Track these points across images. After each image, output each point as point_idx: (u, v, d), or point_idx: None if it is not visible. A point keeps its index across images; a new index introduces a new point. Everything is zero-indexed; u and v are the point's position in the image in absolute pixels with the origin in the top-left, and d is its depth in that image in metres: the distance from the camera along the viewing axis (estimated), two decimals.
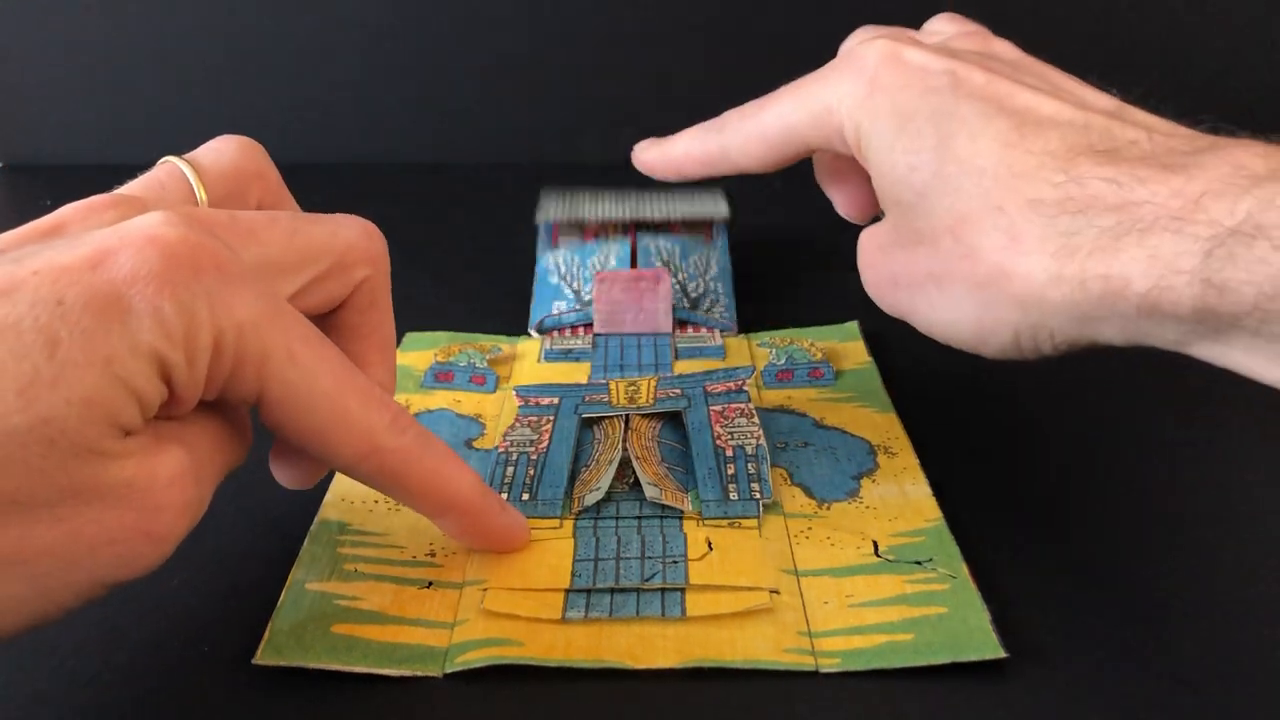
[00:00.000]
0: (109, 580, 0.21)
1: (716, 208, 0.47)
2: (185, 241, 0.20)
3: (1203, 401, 0.35)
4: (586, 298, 0.41)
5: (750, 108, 0.32)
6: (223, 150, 0.26)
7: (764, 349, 0.39)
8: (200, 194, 0.25)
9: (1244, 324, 0.21)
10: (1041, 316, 0.24)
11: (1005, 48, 0.30)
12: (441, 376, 0.37)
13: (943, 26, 0.32)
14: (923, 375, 0.37)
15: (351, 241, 0.25)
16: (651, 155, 0.35)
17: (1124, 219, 0.23)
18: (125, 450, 0.20)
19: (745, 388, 0.34)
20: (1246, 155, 0.22)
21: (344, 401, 0.22)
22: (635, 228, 0.45)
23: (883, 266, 0.29)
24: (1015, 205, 0.24)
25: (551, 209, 0.47)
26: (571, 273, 0.43)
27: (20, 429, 0.18)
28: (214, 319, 0.20)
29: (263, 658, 0.24)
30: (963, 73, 0.27)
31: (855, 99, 0.28)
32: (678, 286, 0.42)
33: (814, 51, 0.33)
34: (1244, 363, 0.22)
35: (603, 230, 0.46)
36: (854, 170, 0.31)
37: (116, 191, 0.24)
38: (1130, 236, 0.22)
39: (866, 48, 0.29)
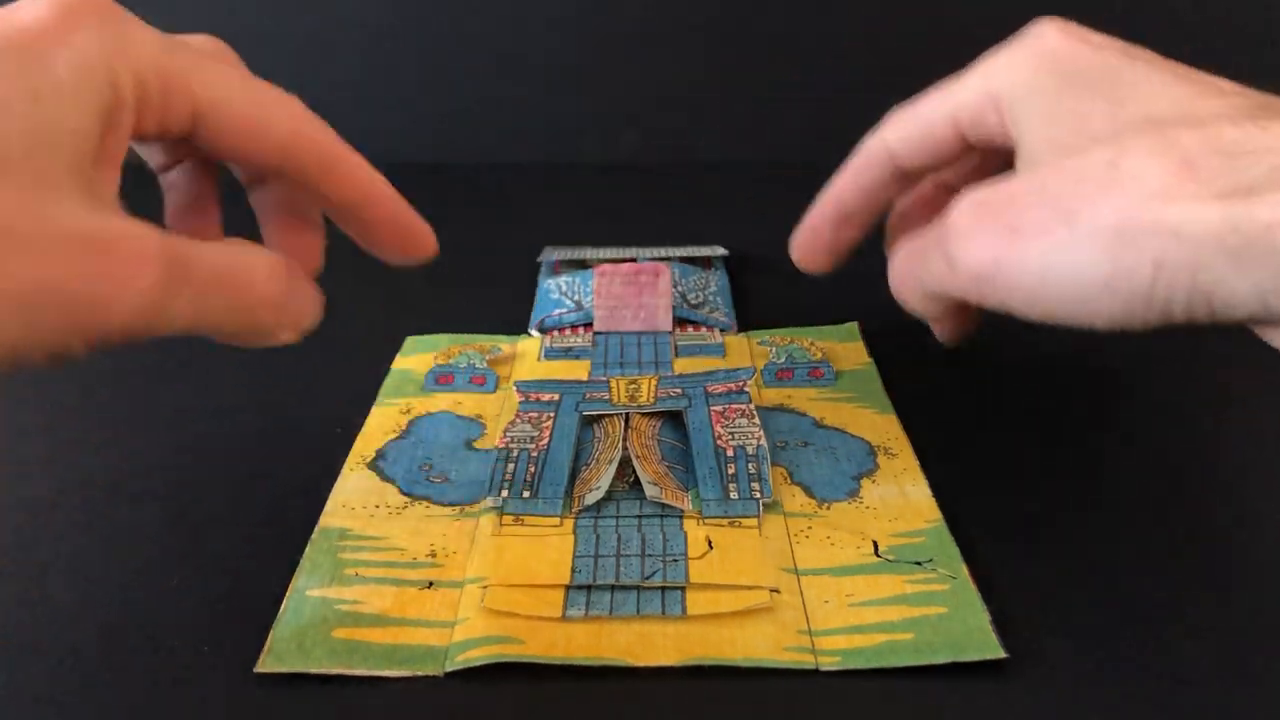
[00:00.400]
0: (68, 328, 0.21)
1: (715, 250, 0.48)
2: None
3: (1204, 403, 0.35)
4: (587, 305, 0.41)
5: (915, 100, 0.32)
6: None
7: (764, 347, 0.39)
8: None
9: None
10: (1194, 250, 0.22)
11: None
12: (442, 379, 0.37)
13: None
14: (923, 377, 0.37)
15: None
16: (804, 225, 0.34)
17: None
18: (79, 181, 0.22)
19: (746, 389, 0.34)
20: None
21: (255, 92, 0.26)
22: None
23: (1002, 214, 0.26)
24: (1193, 140, 0.23)
25: (555, 254, 0.48)
26: (573, 289, 0.43)
27: (15, 130, 0.20)
28: (124, 45, 0.23)
29: (264, 666, 0.24)
30: (1136, 51, 0.27)
31: (1020, 64, 0.28)
32: (678, 295, 0.42)
33: (815, 51, 0.33)
34: None
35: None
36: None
37: None
38: None
39: (1041, 26, 0.28)
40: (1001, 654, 0.24)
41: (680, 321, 0.41)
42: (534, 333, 0.41)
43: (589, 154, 0.65)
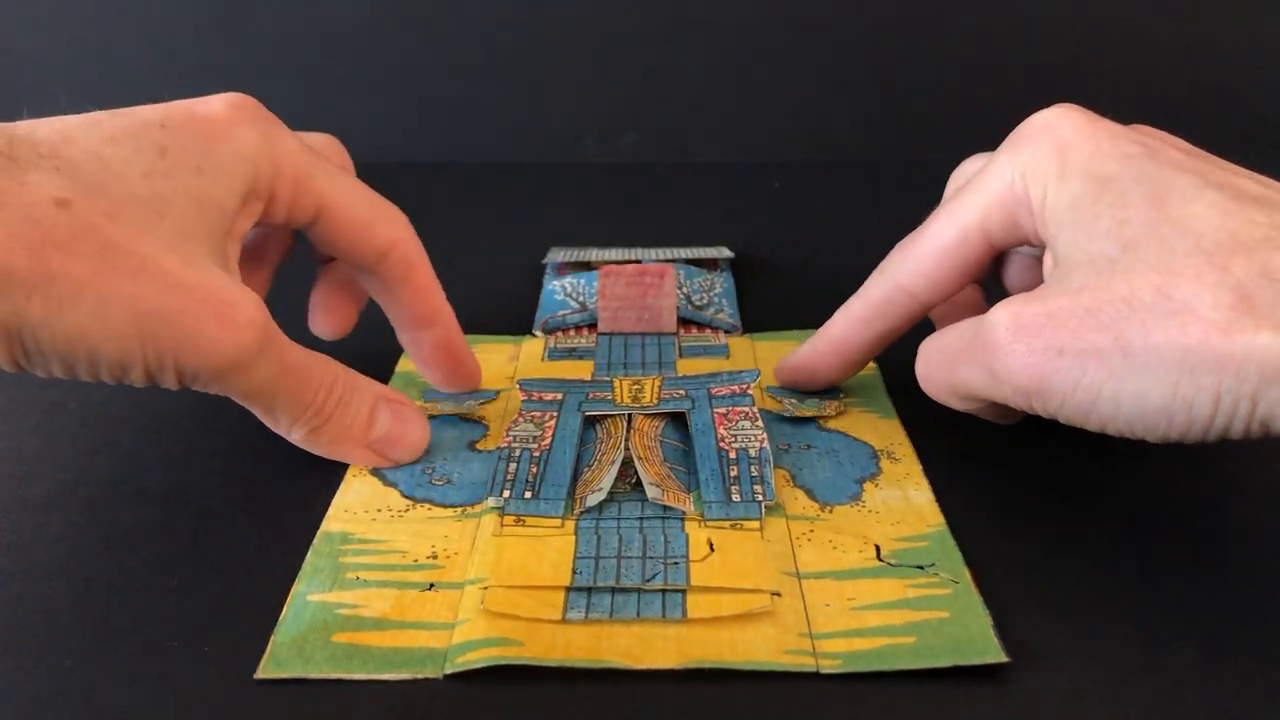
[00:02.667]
0: (175, 349, 0.25)
1: (721, 251, 0.48)
2: (251, 102, 0.29)
3: None
4: (591, 306, 0.41)
5: (909, 236, 0.31)
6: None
7: (776, 400, 0.36)
8: None
9: None
10: (1258, 381, 0.22)
11: (1177, 140, 0.29)
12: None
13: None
14: None
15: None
16: (794, 363, 0.35)
17: None
18: (215, 247, 0.27)
19: (749, 391, 0.34)
20: None
21: (371, 202, 0.30)
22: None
23: (1045, 335, 0.25)
24: (1243, 268, 0.23)
25: (559, 254, 0.48)
26: (577, 290, 0.43)
27: (143, 197, 0.25)
28: (272, 145, 0.28)
29: (264, 671, 0.24)
30: (1155, 147, 0.26)
31: (1042, 165, 0.27)
32: (682, 296, 0.42)
33: (815, 51, 0.33)
34: None
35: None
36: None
37: None
38: None
39: (1053, 114, 0.28)
40: (1003, 658, 0.24)
41: (684, 323, 0.41)
42: (538, 333, 0.41)
43: (589, 154, 0.65)
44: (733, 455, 0.31)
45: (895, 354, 0.38)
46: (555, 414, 0.33)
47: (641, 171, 0.62)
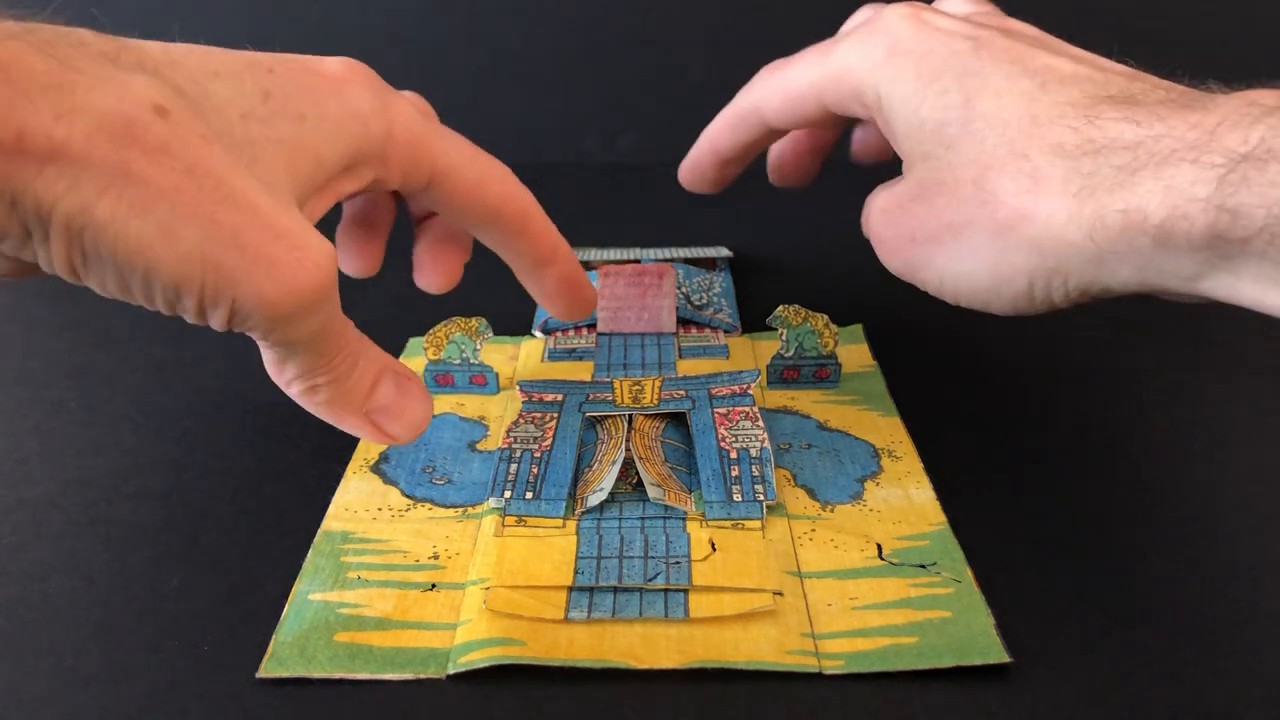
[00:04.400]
0: (234, 282, 0.23)
1: (719, 251, 0.48)
2: (366, 66, 0.28)
3: (1209, 404, 0.35)
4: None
5: (779, 63, 0.34)
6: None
7: (775, 325, 0.37)
8: None
9: (1253, 247, 0.22)
10: (1059, 259, 0.25)
11: (1021, 24, 0.31)
12: (441, 380, 0.37)
13: (956, 6, 0.32)
14: (926, 379, 0.37)
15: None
16: (688, 160, 0.37)
17: (1140, 154, 0.24)
18: (304, 201, 0.26)
19: (750, 391, 0.34)
20: (1258, 94, 0.23)
21: (479, 160, 0.30)
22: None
23: (901, 222, 0.29)
24: (1038, 150, 0.25)
25: None
26: None
27: (235, 136, 0.24)
28: (387, 109, 0.27)
29: (266, 670, 0.24)
30: (985, 38, 0.28)
31: (875, 61, 0.29)
32: (682, 296, 0.41)
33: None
34: (1254, 294, 0.23)
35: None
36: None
37: None
38: (1146, 170, 0.23)
39: (887, 13, 0.30)
40: (1006, 658, 0.24)
41: (684, 322, 0.41)
42: (538, 334, 0.41)
43: (589, 154, 0.65)
44: (734, 455, 0.31)
45: (895, 353, 0.38)
46: (556, 415, 0.33)
47: (641, 171, 0.62)
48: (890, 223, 0.29)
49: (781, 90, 0.33)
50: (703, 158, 0.36)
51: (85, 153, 0.21)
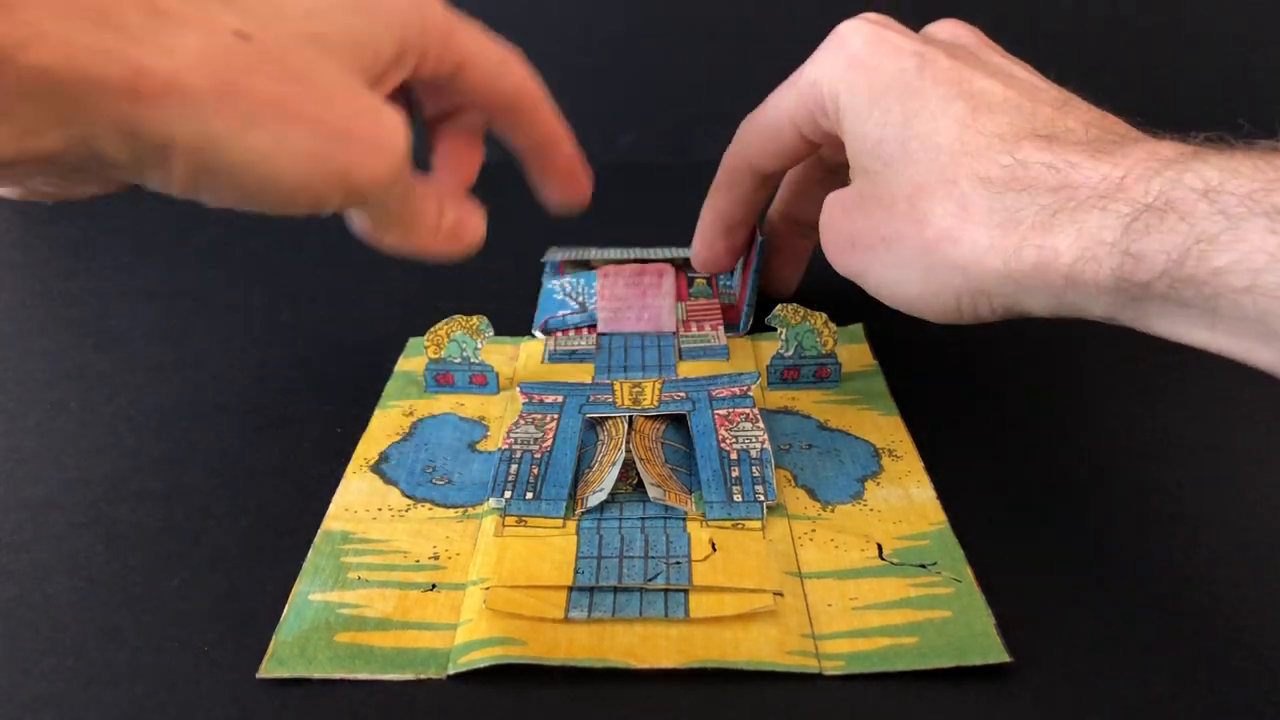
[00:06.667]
0: (343, 170, 0.26)
1: None
2: None
3: (1209, 404, 0.35)
4: (591, 306, 0.41)
5: (753, 113, 0.36)
6: None
7: (775, 324, 0.37)
8: None
9: (1155, 289, 0.23)
10: (981, 281, 0.26)
11: (971, 35, 0.32)
12: (441, 379, 0.37)
13: (937, 29, 0.34)
14: (927, 379, 0.37)
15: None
16: (697, 238, 0.39)
17: (1060, 199, 0.25)
18: (373, 83, 0.28)
19: (750, 393, 0.34)
20: (1161, 146, 0.25)
21: (497, 48, 0.32)
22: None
23: (844, 228, 0.31)
24: (966, 179, 0.27)
25: (559, 255, 0.47)
26: (577, 290, 0.43)
27: (305, 33, 0.26)
28: (421, 4, 0.29)
29: (266, 671, 0.24)
30: (930, 56, 0.30)
31: (836, 71, 0.31)
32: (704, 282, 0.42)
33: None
34: (1163, 328, 0.24)
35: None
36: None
37: None
38: (1064, 214, 0.25)
39: (850, 28, 0.32)
40: (1006, 658, 0.24)
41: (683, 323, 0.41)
42: (538, 334, 0.41)
43: (589, 154, 0.65)
44: (734, 456, 0.31)
45: (896, 353, 0.38)
46: (556, 416, 0.33)
47: (641, 171, 0.62)
48: (835, 227, 0.31)
49: (759, 128, 0.35)
50: (708, 229, 0.39)
51: (194, 83, 0.23)
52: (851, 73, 0.31)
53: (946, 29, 0.33)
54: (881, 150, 0.29)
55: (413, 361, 0.39)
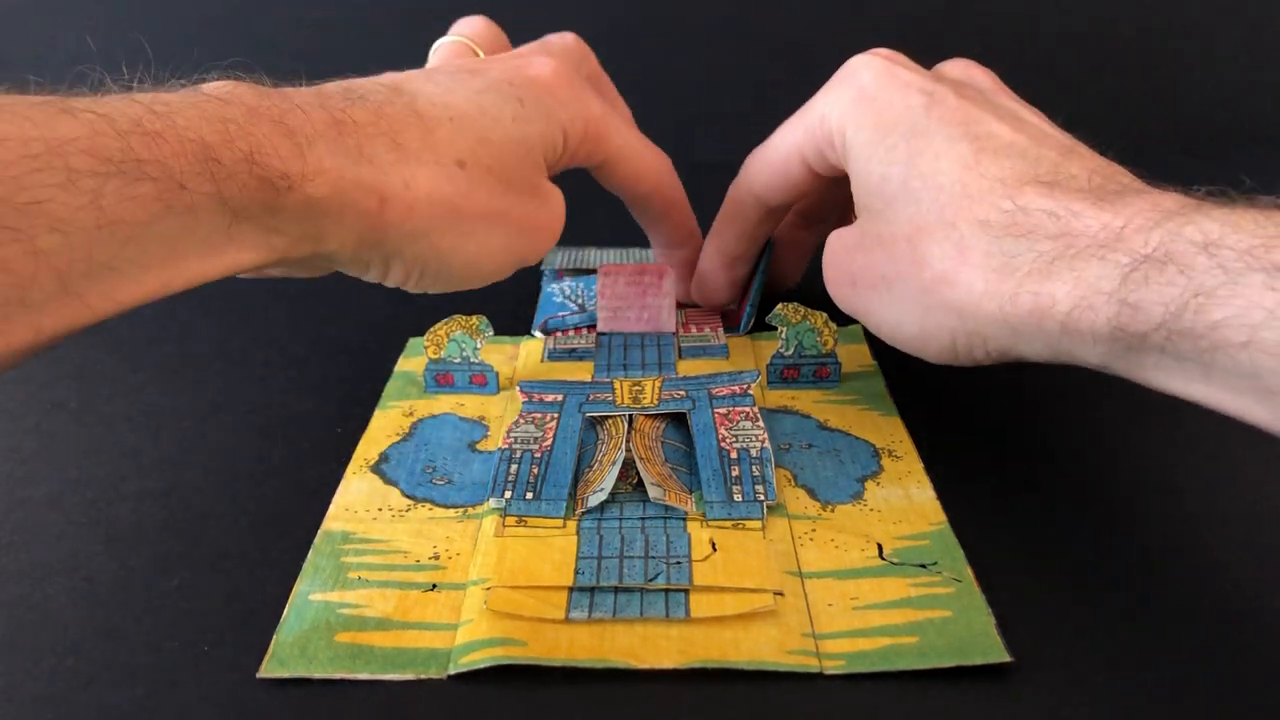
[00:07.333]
0: (524, 255, 0.33)
1: None
2: (569, 67, 0.35)
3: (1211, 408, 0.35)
4: (590, 307, 0.41)
5: (760, 147, 0.36)
6: (472, 23, 0.40)
7: (775, 323, 0.37)
8: (479, 53, 0.38)
9: (1152, 340, 0.23)
10: (977, 325, 0.26)
11: (985, 77, 0.32)
12: (441, 379, 0.37)
13: (949, 67, 0.34)
14: (926, 379, 0.37)
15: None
16: (698, 269, 0.40)
17: (1059, 246, 0.25)
18: (547, 175, 0.33)
19: (749, 392, 0.34)
20: (1163, 197, 0.25)
21: (643, 152, 0.37)
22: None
23: (845, 266, 0.31)
24: (965, 222, 0.27)
25: (558, 255, 0.47)
26: (576, 293, 0.43)
27: (515, 138, 0.31)
28: (585, 108, 0.34)
29: (267, 671, 0.24)
30: (939, 95, 0.30)
31: (844, 107, 0.31)
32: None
33: (815, 50, 0.33)
34: (1159, 380, 0.24)
35: None
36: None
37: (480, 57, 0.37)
38: (1062, 261, 0.25)
39: (861, 62, 0.32)
40: (1006, 658, 0.24)
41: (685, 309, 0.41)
42: (538, 334, 0.41)
43: None
44: (734, 455, 0.31)
45: (895, 353, 0.38)
46: (556, 415, 0.33)
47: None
48: (837, 264, 0.32)
49: (767, 161, 0.35)
50: (711, 261, 0.39)
51: (424, 212, 0.28)
52: (859, 107, 0.31)
53: (958, 68, 0.33)
54: (885, 188, 0.29)
55: (413, 362, 0.39)
